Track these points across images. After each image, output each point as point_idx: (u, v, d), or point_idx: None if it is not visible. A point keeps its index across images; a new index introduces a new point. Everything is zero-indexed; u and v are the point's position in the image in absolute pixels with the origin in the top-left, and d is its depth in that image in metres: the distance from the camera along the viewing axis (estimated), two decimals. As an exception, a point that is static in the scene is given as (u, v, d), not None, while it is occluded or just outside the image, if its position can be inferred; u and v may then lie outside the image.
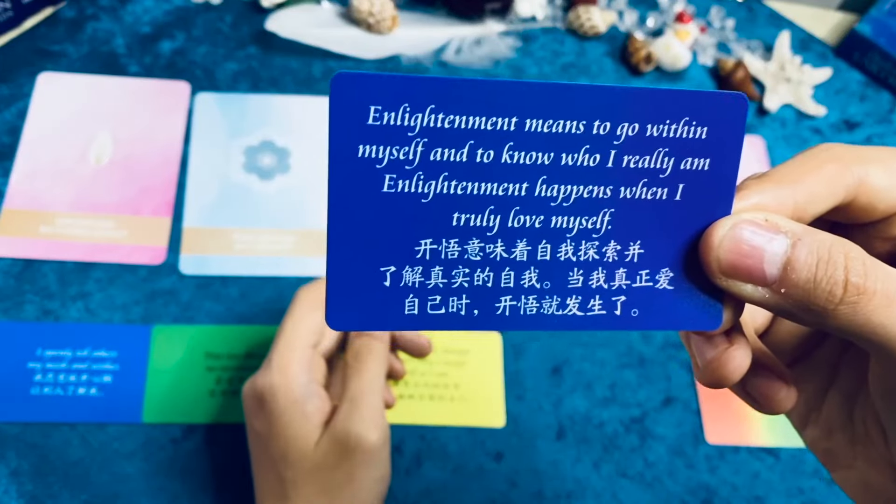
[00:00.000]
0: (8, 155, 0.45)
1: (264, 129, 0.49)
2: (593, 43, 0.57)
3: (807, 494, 0.42)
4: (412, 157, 0.17)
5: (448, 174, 0.17)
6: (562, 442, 0.41)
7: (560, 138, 0.17)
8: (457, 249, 0.18)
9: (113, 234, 0.44)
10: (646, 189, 0.18)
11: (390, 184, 0.17)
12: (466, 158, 0.17)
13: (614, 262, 0.18)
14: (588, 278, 0.18)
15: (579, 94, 0.17)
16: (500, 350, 0.43)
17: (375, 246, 0.17)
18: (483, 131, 0.17)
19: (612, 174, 0.18)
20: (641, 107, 0.17)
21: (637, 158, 0.18)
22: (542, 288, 0.18)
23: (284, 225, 0.45)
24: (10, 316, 0.41)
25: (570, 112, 0.17)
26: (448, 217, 0.17)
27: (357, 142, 0.16)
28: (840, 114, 0.56)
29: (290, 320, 0.33)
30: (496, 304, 0.18)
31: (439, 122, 0.17)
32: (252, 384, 0.32)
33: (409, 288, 0.17)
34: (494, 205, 0.17)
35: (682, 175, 0.18)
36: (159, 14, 0.53)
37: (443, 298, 0.18)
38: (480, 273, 0.18)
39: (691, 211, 0.18)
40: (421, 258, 0.17)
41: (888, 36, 0.57)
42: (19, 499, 0.36)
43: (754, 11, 0.61)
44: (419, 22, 0.55)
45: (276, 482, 0.31)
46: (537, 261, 0.18)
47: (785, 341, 0.23)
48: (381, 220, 0.17)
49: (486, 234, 0.18)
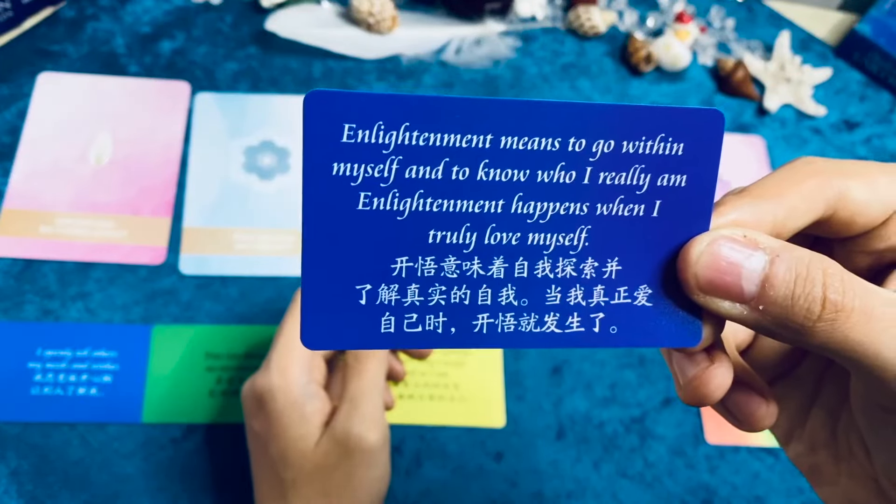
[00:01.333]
0: (8, 155, 0.45)
1: (264, 129, 0.49)
2: (593, 43, 0.57)
3: (806, 494, 0.42)
4: (387, 175, 0.17)
5: (423, 191, 0.17)
6: (562, 442, 0.41)
7: (536, 155, 0.17)
8: (433, 267, 0.17)
9: (113, 234, 0.44)
10: (622, 206, 0.18)
11: (365, 201, 0.17)
12: (442, 176, 0.17)
13: (592, 279, 0.18)
14: (566, 295, 0.18)
15: (554, 112, 0.17)
16: (500, 350, 0.43)
17: (351, 264, 0.17)
18: (458, 149, 0.17)
19: (588, 191, 0.18)
20: (617, 123, 0.17)
21: (613, 175, 0.18)
22: (520, 305, 0.18)
23: (284, 225, 0.46)
24: (10, 316, 0.41)
25: (545, 129, 0.17)
26: (424, 234, 0.17)
27: (331, 160, 0.16)
28: (840, 114, 0.56)
29: (290, 321, 0.33)
30: (473, 321, 0.18)
31: (414, 139, 0.16)
32: (251, 385, 0.32)
33: (385, 306, 0.17)
34: (470, 222, 0.17)
35: (659, 191, 0.18)
36: (159, 14, 0.53)
37: (419, 316, 0.17)
38: (457, 291, 0.18)
39: (669, 227, 0.18)
40: (397, 276, 0.17)
41: (888, 36, 0.57)
42: (19, 499, 0.36)
43: (754, 11, 0.61)
44: (419, 22, 0.55)
45: (275, 483, 0.31)
46: (514, 278, 0.18)
47: (767, 357, 0.23)
48: (357, 237, 0.17)
49: (463, 252, 0.17)
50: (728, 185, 0.52)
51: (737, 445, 0.42)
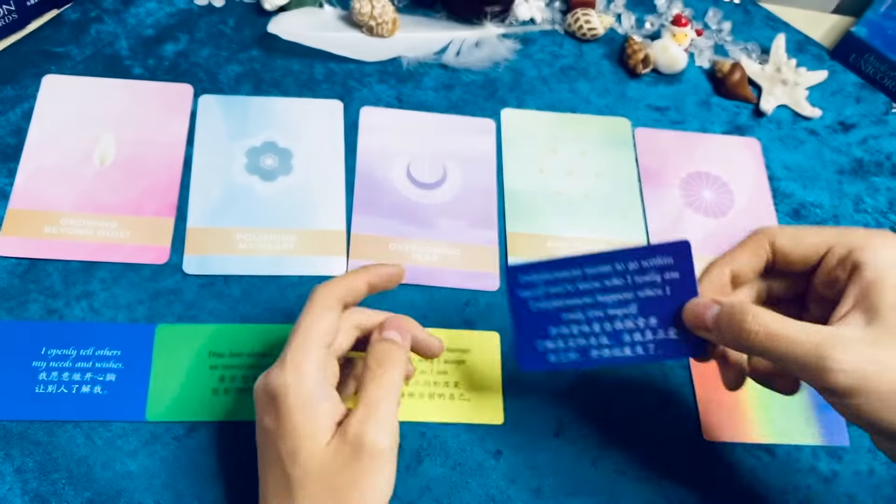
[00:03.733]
0: (13, 156, 0.46)
1: (266, 130, 0.49)
2: (591, 45, 0.58)
3: (802, 492, 0.42)
4: (541, 294, 0.36)
5: (557, 298, 0.36)
6: (560, 439, 0.42)
7: (603, 273, 0.35)
8: (566, 331, 0.36)
9: (117, 234, 0.44)
10: (650, 290, 0.34)
11: (533, 305, 0.36)
12: (564, 290, 0.36)
13: (643, 328, 0.35)
14: (632, 336, 0.35)
15: (607, 255, 0.34)
16: (500, 348, 0.44)
17: (534, 330, 0.37)
18: (569, 276, 0.35)
19: (632, 287, 0.34)
20: (636, 255, 0.34)
21: (641, 277, 0.34)
22: (611, 343, 0.35)
23: (286, 225, 0.46)
24: (14, 315, 0.41)
25: (604, 262, 0.34)
26: (561, 316, 0.36)
27: (517, 289, 0.37)
28: (836, 115, 0.57)
29: (306, 319, 0.33)
30: (589, 353, 0.36)
31: (551, 276, 0.36)
32: (264, 380, 0.32)
33: (548, 349, 0.37)
34: (580, 308, 0.35)
35: (667, 282, 0.34)
36: (162, 16, 0.53)
37: (563, 353, 0.36)
38: (580, 339, 0.36)
39: (676, 297, 0.34)
40: (553, 335, 0.36)
41: (884, 38, 0.58)
42: (24, 496, 0.37)
43: (751, 14, 0.61)
44: (419, 25, 0.56)
45: (282, 479, 0.31)
46: (606, 331, 0.35)
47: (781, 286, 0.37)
48: (535, 319, 0.36)
49: (580, 321, 0.36)
50: (727, 185, 0.52)
51: (733, 442, 0.43)
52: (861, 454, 0.43)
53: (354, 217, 0.47)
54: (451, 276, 0.46)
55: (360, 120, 0.51)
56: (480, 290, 0.46)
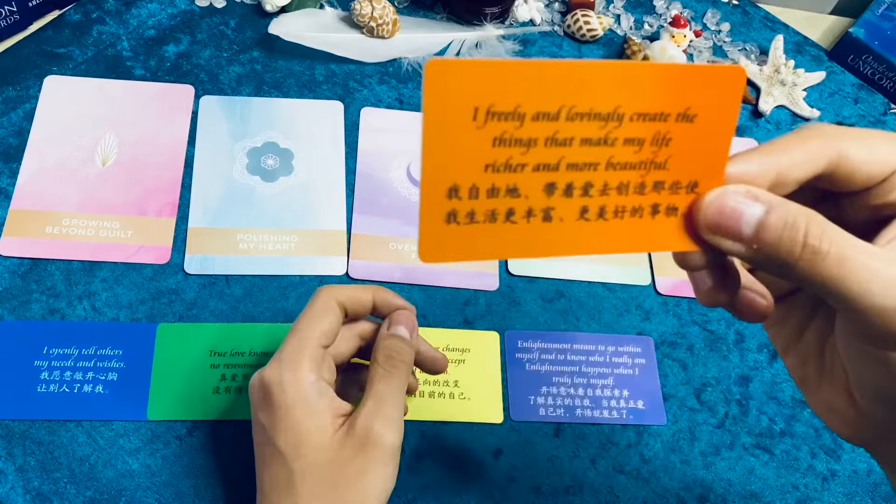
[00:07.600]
0: (15, 156, 0.46)
1: (267, 131, 0.50)
2: (591, 46, 0.58)
3: (801, 491, 0.42)
4: (535, 358, 0.44)
5: (549, 363, 0.44)
6: (559, 438, 0.42)
7: (588, 351, 0.44)
8: (556, 391, 0.44)
9: (118, 234, 0.44)
10: (623, 368, 0.44)
11: (528, 365, 0.43)
12: (556, 358, 0.45)
13: (618, 396, 0.43)
14: (610, 402, 0.43)
15: (593, 338, 0.44)
16: (499, 348, 0.44)
17: (527, 386, 0.43)
18: (559, 347, 0.44)
19: (611, 364, 0.44)
20: (615, 342, 0.44)
21: (618, 359, 0.44)
22: (592, 406, 0.43)
23: (287, 225, 0.46)
24: (17, 315, 0.41)
25: (589, 342, 0.44)
26: (552, 379, 0.44)
27: (515, 352, 0.44)
28: (834, 116, 0.57)
29: (306, 318, 0.33)
30: (575, 411, 0.43)
31: (544, 345, 0.45)
32: (260, 377, 0.33)
33: (539, 404, 0.43)
34: (568, 374, 0.43)
35: (636, 365, 0.44)
36: (164, 18, 0.53)
37: (552, 408, 0.43)
38: (567, 399, 0.43)
39: (642, 377, 0.44)
40: (543, 393, 0.44)
41: (881, 39, 0.58)
42: (25, 494, 0.37)
43: (749, 15, 0.62)
44: (420, 26, 0.56)
45: (281, 473, 0.31)
46: (588, 395, 0.43)
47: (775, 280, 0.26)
48: (529, 378, 0.43)
49: (567, 385, 0.43)
50: (724, 186, 0.52)
51: (733, 442, 0.43)
52: (860, 453, 0.44)
53: (355, 217, 0.47)
54: (450, 276, 0.46)
55: (360, 120, 0.51)
56: (480, 289, 0.46)
